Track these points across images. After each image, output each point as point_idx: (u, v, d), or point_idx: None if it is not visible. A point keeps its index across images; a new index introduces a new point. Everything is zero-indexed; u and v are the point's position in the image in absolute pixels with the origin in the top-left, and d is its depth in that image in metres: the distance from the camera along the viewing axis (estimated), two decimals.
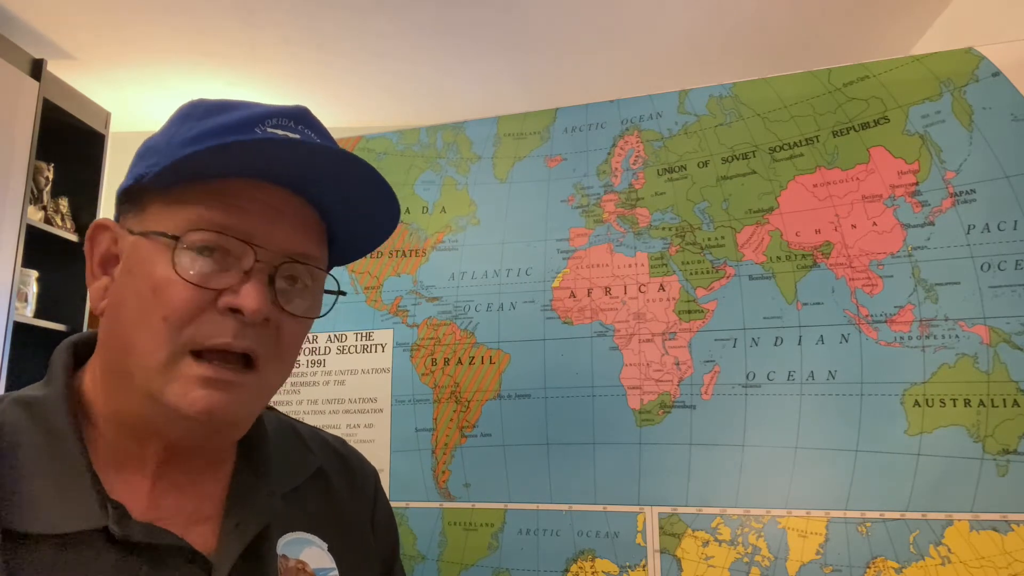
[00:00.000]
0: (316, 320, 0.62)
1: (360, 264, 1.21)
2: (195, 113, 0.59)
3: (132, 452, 0.57)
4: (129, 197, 0.58)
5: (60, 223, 2.53)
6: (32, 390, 0.58)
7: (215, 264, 0.54)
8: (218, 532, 0.58)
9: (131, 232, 0.57)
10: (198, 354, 0.54)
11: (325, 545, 0.64)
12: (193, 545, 0.55)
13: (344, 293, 0.64)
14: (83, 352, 0.62)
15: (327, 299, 0.63)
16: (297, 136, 0.58)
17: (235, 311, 0.54)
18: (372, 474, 0.78)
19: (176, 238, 0.53)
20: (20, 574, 0.49)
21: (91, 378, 0.59)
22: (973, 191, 0.95)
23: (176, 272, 0.53)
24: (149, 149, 0.59)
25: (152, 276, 0.54)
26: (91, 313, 2.61)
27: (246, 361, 0.56)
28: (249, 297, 0.54)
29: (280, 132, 0.57)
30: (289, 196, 0.58)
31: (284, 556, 0.61)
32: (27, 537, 0.50)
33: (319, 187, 0.58)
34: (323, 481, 0.70)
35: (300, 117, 0.60)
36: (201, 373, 0.54)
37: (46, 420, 0.55)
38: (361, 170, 0.57)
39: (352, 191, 0.59)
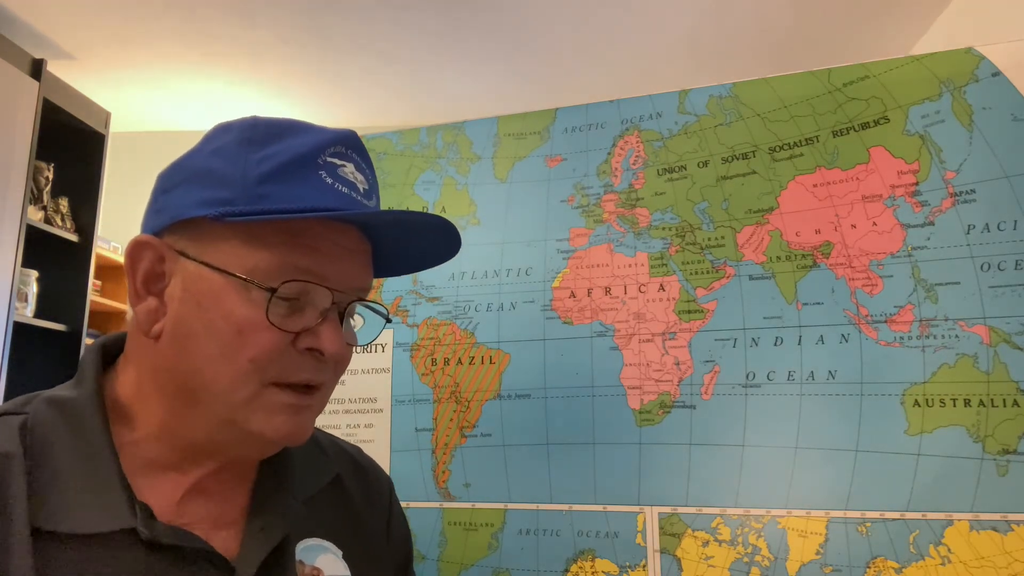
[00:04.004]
0: None
1: None
2: (257, 137, 0.58)
3: (173, 463, 0.58)
4: (190, 223, 0.57)
5: (60, 223, 2.53)
6: (63, 390, 0.59)
7: (294, 306, 0.57)
8: (241, 537, 0.59)
9: (185, 255, 0.56)
10: (276, 383, 0.57)
11: (340, 552, 0.65)
12: (216, 549, 0.56)
13: (390, 320, 0.67)
14: (111, 353, 0.63)
15: (373, 326, 0.68)
16: (351, 165, 0.60)
17: (313, 349, 0.57)
18: (387, 484, 0.79)
19: (273, 290, 0.55)
20: (49, 573, 0.49)
21: (129, 384, 0.59)
22: (973, 191, 0.95)
23: (268, 320, 0.55)
24: (212, 175, 0.57)
25: (233, 316, 0.55)
26: (91, 315, 2.61)
27: (311, 386, 0.60)
28: (331, 341, 0.57)
29: (338, 161, 0.59)
30: (355, 234, 0.60)
31: (300, 562, 0.61)
32: (56, 536, 0.51)
33: (393, 241, 0.63)
34: (340, 489, 0.70)
35: (351, 142, 0.61)
36: (286, 401, 0.57)
37: (77, 421, 0.56)
38: (439, 227, 0.63)
39: (421, 245, 0.65)
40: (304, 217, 0.55)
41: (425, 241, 0.66)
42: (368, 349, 1.18)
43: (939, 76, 0.99)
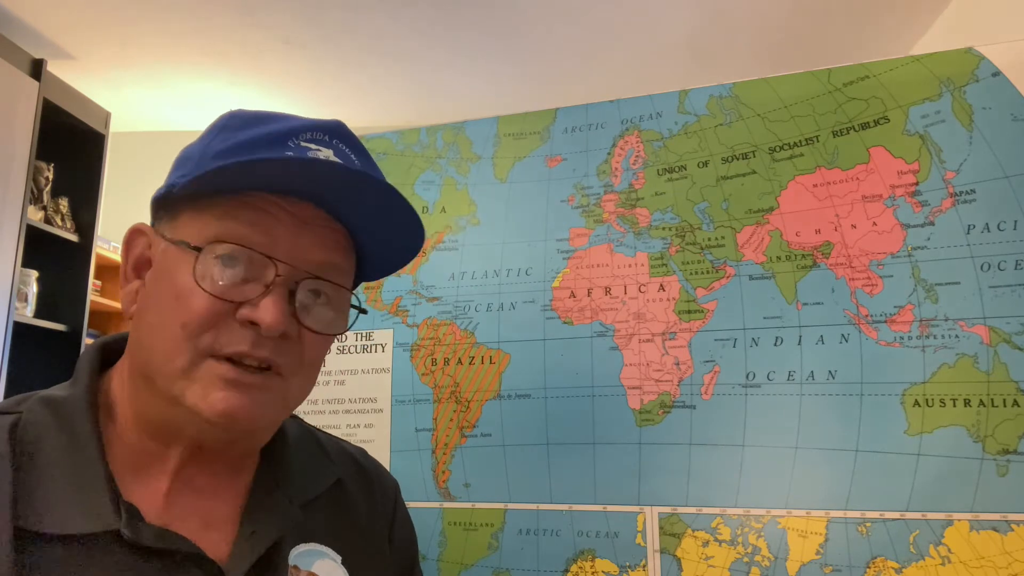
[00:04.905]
0: None
1: None
2: (232, 124, 0.59)
3: (153, 454, 0.58)
4: (163, 204, 0.59)
5: (60, 223, 2.53)
6: (58, 390, 0.59)
7: (237, 276, 0.55)
8: (232, 539, 0.58)
9: (164, 238, 0.58)
10: (216, 356, 0.55)
11: (339, 558, 0.64)
12: (205, 551, 0.55)
13: (365, 311, 0.64)
14: (112, 353, 0.62)
15: (350, 314, 0.63)
16: (329, 151, 0.58)
17: (253, 324, 0.54)
18: (392, 486, 0.77)
19: (198, 249, 0.54)
20: (29, 573, 0.49)
21: (118, 380, 0.60)
22: (973, 191, 0.95)
23: (196, 281, 0.54)
24: (185, 158, 0.59)
25: (175, 284, 0.55)
26: (91, 315, 2.61)
27: (264, 367, 0.56)
28: (267, 312, 0.54)
29: (312, 146, 0.57)
30: (314, 210, 0.58)
31: (295, 567, 0.60)
32: (40, 536, 0.50)
33: (341, 205, 0.59)
34: (341, 493, 0.69)
35: (334, 131, 0.60)
36: (222, 373, 0.54)
37: (68, 420, 0.55)
38: (379, 189, 0.57)
39: (373, 211, 0.59)
40: (219, 168, 0.53)
41: (391, 221, 0.61)
42: (368, 349, 1.18)
43: (939, 76, 0.99)
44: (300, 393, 0.61)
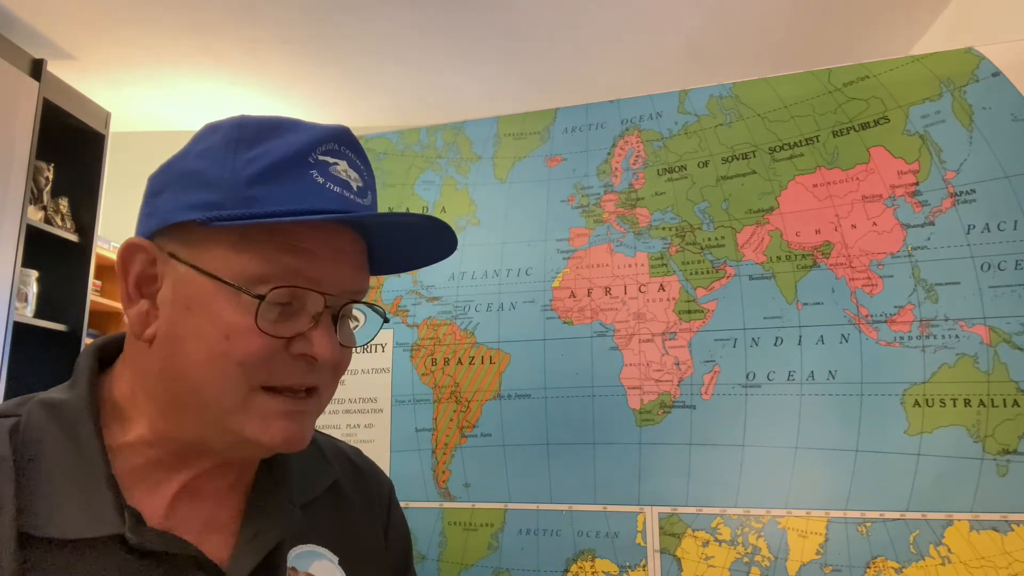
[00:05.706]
0: None
1: None
2: (246, 137, 0.56)
3: (167, 464, 0.57)
4: (176, 225, 0.56)
5: (60, 223, 2.53)
6: (57, 392, 0.58)
7: (288, 312, 0.56)
8: (233, 542, 0.58)
9: (176, 258, 0.56)
10: (269, 388, 0.56)
11: (336, 559, 0.64)
12: (207, 554, 0.55)
13: (388, 320, 0.66)
14: (109, 356, 0.62)
15: (371, 325, 0.67)
16: (344, 162, 0.59)
17: (306, 355, 0.56)
18: (387, 486, 0.78)
19: (262, 297, 0.54)
20: None
21: (124, 387, 0.59)
22: (973, 191, 0.95)
23: (258, 325, 0.54)
24: (200, 177, 0.56)
25: (222, 321, 0.54)
26: (91, 315, 2.61)
27: (309, 390, 0.59)
28: (322, 347, 0.56)
29: (330, 159, 0.58)
30: (349, 235, 0.59)
31: (293, 569, 0.60)
32: (43, 541, 0.50)
33: (388, 246, 0.62)
34: (338, 493, 0.70)
35: (343, 138, 0.60)
36: (279, 408, 0.56)
37: (69, 423, 0.55)
38: (435, 227, 0.61)
39: (417, 245, 0.63)
40: (295, 221, 0.54)
41: (421, 240, 0.64)
42: (368, 349, 1.18)
43: (939, 76, 0.99)
44: (329, 401, 0.63)
